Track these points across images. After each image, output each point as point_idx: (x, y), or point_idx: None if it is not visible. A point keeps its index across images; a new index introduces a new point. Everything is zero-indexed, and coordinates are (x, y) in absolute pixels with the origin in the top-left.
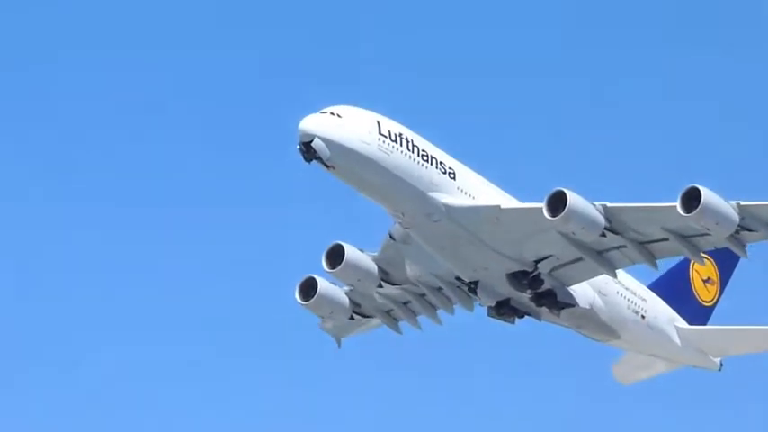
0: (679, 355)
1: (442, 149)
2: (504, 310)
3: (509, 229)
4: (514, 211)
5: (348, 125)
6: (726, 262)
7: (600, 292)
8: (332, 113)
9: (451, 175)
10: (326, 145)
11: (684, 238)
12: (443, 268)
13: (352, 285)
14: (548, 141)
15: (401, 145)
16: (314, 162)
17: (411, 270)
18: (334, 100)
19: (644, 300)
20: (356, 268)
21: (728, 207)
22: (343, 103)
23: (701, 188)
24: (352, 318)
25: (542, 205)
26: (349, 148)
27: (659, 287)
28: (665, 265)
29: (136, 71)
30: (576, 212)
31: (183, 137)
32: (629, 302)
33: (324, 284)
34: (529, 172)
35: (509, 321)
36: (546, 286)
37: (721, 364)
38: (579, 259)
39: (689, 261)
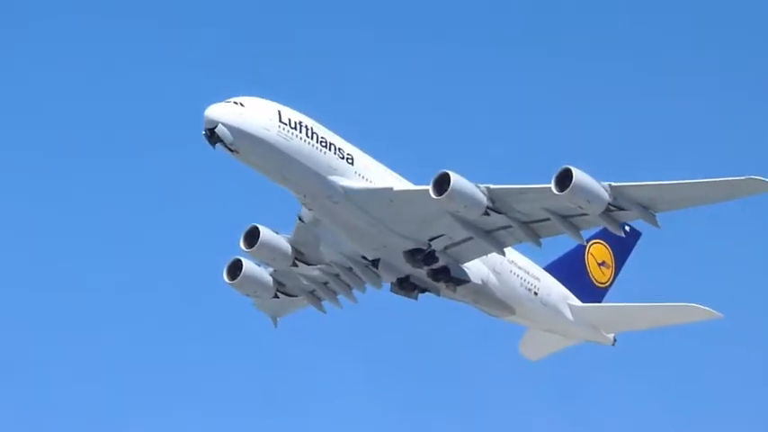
0: (574, 331)
1: (344, 138)
2: (405, 285)
3: (402, 210)
4: (406, 193)
5: (250, 113)
6: (621, 247)
7: (494, 271)
8: (235, 102)
9: (350, 161)
10: (229, 131)
11: (564, 218)
12: (350, 248)
13: (269, 264)
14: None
15: (301, 132)
16: (218, 146)
17: (324, 250)
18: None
19: (537, 279)
20: (270, 248)
21: (599, 186)
22: (247, 95)
23: (572, 169)
24: (277, 296)
25: (429, 186)
26: (250, 133)
27: (555, 269)
28: (560, 247)
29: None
30: (459, 192)
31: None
32: (523, 280)
33: (249, 265)
34: (427, 157)
35: (412, 297)
36: (440, 263)
37: (615, 340)
38: (470, 238)
39: (584, 246)
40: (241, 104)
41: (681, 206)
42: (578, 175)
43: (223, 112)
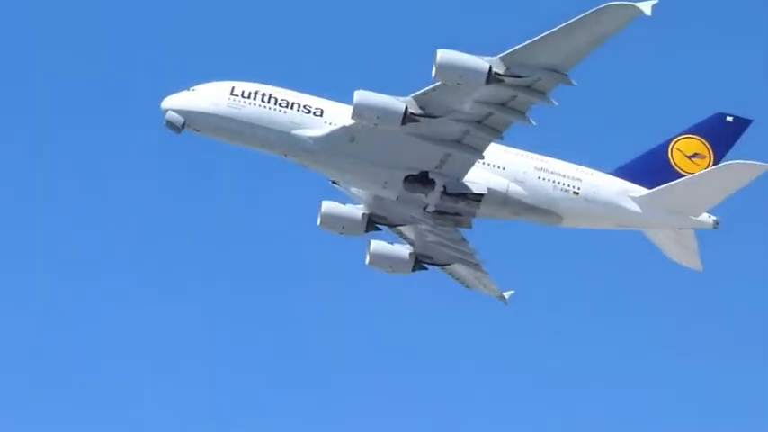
0: (655, 221)
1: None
2: (442, 215)
3: (366, 143)
4: (358, 125)
5: (198, 95)
6: (719, 138)
7: (516, 180)
8: (188, 89)
9: (318, 113)
10: (179, 114)
11: (502, 105)
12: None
13: (340, 232)
14: None
15: (255, 99)
16: (185, 131)
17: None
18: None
19: (577, 179)
20: (337, 218)
21: (472, 59)
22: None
23: (439, 51)
24: (425, 268)
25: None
26: (198, 111)
27: (629, 170)
28: (633, 149)
29: None
30: (364, 106)
31: None
32: (556, 184)
33: (378, 245)
34: None
35: (464, 226)
36: (440, 184)
37: (716, 222)
38: (448, 154)
39: (667, 143)
40: (192, 90)
41: (579, 56)
42: (443, 54)
43: (172, 101)
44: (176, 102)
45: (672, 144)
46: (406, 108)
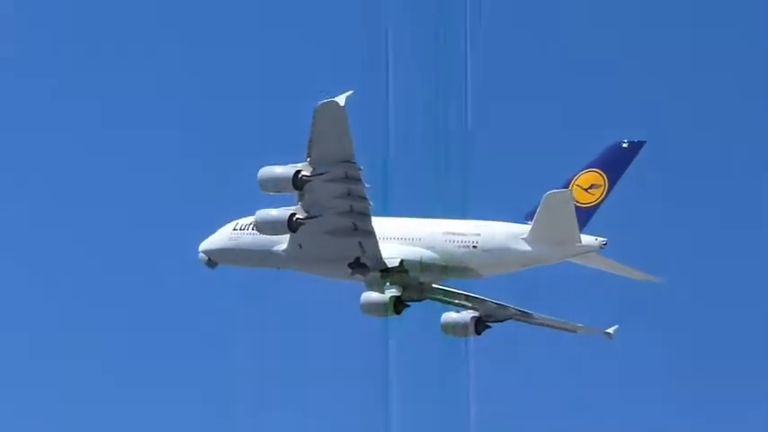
0: (546, 255)
1: None
2: (405, 288)
3: (309, 246)
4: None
5: (213, 236)
6: (614, 165)
7: (429, 247)
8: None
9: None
10: (204, 253)
11: (349, 195)
12: None
13: (380, 315)
14: None
15: (246, 230)
16: (218, 265)
17: None
18: None
19: (477, 234)
20: (373, 305)
21: (280, 170)
22: None
23: (261, 170)
24: (489, 326)
25: None
26: (211, 248)
27: None
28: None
29: None
30: (260, 221)
31: None
32: (459, 243)
33: (448, 316)
34: None
35: (427, 294)
36: (369, 264)
37: (604, 243)
38: (359, 241)
39: (569, 182)
40: (215, 233)
41: (346, 143)
42: (260, 172)
43: (201, 244)
44: (201, 245)
45: (573, 182)
46: (291, 216)
